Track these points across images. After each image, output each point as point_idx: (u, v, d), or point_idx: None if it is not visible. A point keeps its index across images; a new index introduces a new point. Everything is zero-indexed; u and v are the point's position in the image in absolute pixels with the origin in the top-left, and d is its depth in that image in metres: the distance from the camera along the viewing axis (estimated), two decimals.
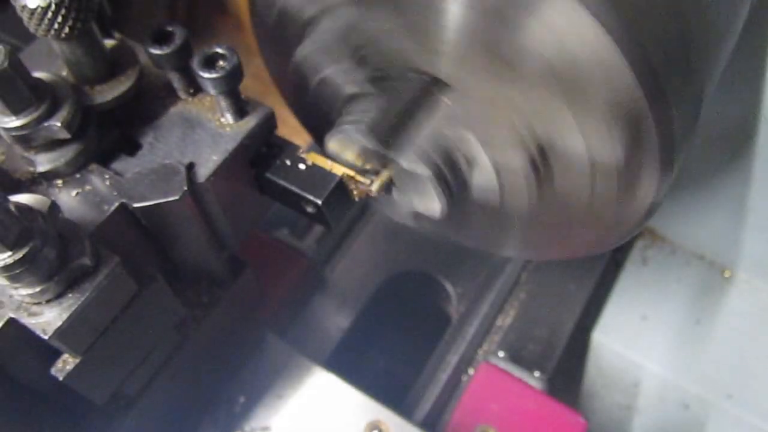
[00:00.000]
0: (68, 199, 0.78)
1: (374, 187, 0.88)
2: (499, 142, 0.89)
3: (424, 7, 0.80)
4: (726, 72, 0.96)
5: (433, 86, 0.89)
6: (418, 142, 0.88)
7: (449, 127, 0.89)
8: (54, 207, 0.69)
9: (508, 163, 0.90)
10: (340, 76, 0.96)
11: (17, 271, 0.65)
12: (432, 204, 0.94)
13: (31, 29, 0.72)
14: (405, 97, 0.89)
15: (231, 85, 0.79)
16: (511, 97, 0.83)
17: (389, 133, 0.89)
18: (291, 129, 1.14)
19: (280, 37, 0.99)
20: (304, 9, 0.92)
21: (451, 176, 0.91)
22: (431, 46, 0.84)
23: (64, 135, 0.75)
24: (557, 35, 0.74)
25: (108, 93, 0.81)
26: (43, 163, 0.78)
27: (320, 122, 1.05)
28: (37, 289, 0.68)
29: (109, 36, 0.84)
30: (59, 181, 0.80)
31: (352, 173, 0.86)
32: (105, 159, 0.82)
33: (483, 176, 0.94)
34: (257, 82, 1.09)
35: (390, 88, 0.91)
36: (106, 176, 0.80)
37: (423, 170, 0.88)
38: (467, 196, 0.98)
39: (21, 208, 0.66)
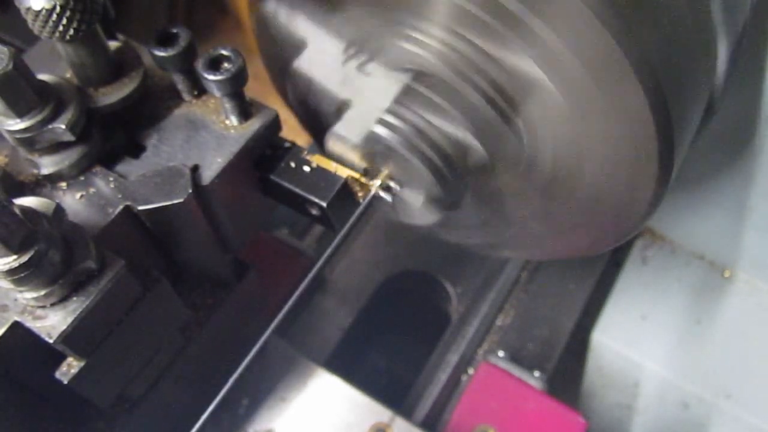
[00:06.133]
0: (72, 201, 0.78)
1: (374, 187, 0.89)
2: (484, 126, 0.89)
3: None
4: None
5: (415, 80, 0.89)
6: (405, 133, 0.88)
7: (435, 116, 0.89)
8: (58, 210, 0.69)
9: (498, 146, 0.91)
10: (329, 83, 0.97)
11: (22, 275, 0.65)
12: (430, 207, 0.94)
13: (36, 31, 0.72)
14: (388, 94, 0.90)
15: (236, 87, 0.79)
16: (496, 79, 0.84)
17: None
18: (291, 129, 1.14)
19: (279, 50, 1.00)
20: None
21: (443, 164, 0.91)
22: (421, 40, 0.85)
23: (69, 137, 0.75)
24: (559, 33, 0.75)
25: (112, 95, 0.80)
26: (48, 165, 0.78)
27: (320, 125, 1.05)
28: (42, 293, 0.67)
29: (113, 37, 0.84)
30: (63, 184, 0.79)
31: (356, 175, 0.86)
32: (109, 161, 0.81)
33: (477, 158, 0.94)
34: (257, 82, 1.09)
35: (372, 88, 0.91)
36: (111, 179, 0.79)
37: (412, 159, 0.89)
38: (466, 191, 0.99)
39: (25, 211, 0.65)
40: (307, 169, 0.86)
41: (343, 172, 0.86)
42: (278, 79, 1.11)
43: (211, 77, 0.78)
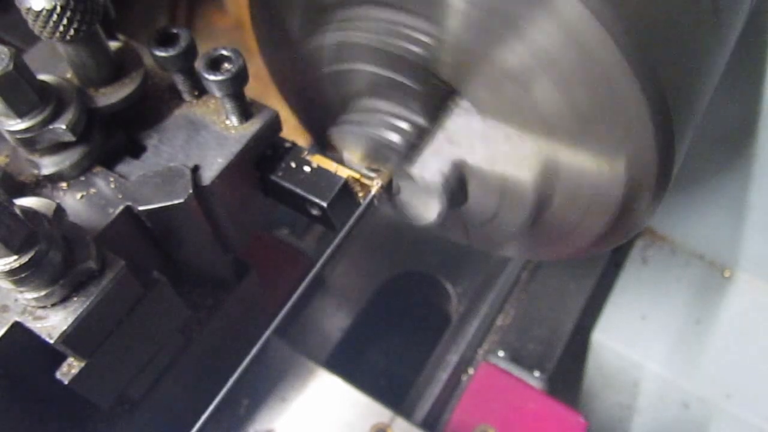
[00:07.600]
0: (73, 202, 0.78)
1: (374, 188, 0.88)
2: (506, 158, 0.89)
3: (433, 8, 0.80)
4: (726, 72, 0.96)
5: (450, 97, 0.88)
6: (430, 151, 0.88)
7: (461, 140, 0.89)
8: (59, 210, 0.69)
9: (512, 180, 0.90)
10: (362, 72, 0.94)
11: (23, 275, 0.64)
12: (429, 211, 0.94)
13: (36, 31, 0.72)
14: (421, 105, 0.89)
15: (236, 88, 0.79)
16: (523, 113, 0.83)
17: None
18: (291, 129, 1.14)
19: (289, 22, 0.97)
20: None
21: (456, 188, 0.91)
22: (442, 52, 0.84)
23: (69, 138, 0.75)
24: (556, 32, 0.74)
25: (113, 95, 0.80)
26: (48, 165, 0.78)
27: (319, 114, 1.04)
28: (43, 293, 0.67)
29: (113, 38, 0.84)
30: (64, 184, 0.79)
31: (357, 175, 0.86)
32: (110, 162, 0.81)
33: (483, 190, 0.94)
34: (257, 82, 1.09)
35: (409, 93, 0.90)
36: (111, 179, 0.79)
37: (433, 181, 0.88)
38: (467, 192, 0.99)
39: (26, 211, 0.65)
40: (307, 169, 0.86)
41: (344, 173, 0.86)
42: (278, 78, 1.10)
43: (211, 77, 0.77)
